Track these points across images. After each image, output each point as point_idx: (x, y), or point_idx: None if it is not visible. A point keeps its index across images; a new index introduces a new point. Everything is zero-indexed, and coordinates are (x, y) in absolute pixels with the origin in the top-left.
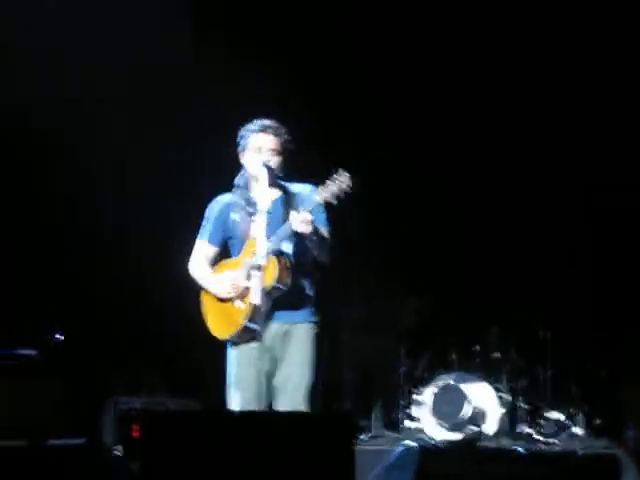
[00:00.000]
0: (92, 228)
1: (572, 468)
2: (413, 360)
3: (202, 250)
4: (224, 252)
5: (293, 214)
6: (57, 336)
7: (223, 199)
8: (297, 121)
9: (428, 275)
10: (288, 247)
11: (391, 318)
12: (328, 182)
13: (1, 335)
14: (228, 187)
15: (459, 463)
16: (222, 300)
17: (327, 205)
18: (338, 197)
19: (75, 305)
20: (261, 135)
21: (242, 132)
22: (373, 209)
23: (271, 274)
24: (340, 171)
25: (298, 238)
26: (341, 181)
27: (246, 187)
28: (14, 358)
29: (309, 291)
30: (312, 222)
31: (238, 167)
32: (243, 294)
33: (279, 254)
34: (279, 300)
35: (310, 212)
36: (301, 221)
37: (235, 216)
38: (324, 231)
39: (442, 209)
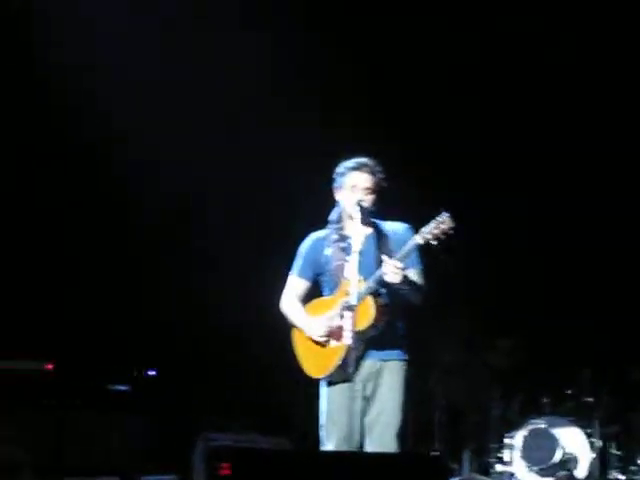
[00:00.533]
0: (187, 264)
1: None
2: (505, 403)
3: (293, 285)
4: (315, 288)
5: (385, 264)
6: (150, 372)
7: (316, 235)
8: (391, 156)
9: (521, 316)
10: (382, 288)
11: (483, 359)
12: (430, 224)
13: (96, 371)
14: (323, 224)
15: None
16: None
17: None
18: (438, 238)
19: (169, 342)
20: (357, 173)
21: (339, 169)
22: (466, 247)
23: (368, 315)
24: (442, 213)
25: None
26: (443, 223)
27: (340, 223)
28: (107, 394)
29: (401, 330)
30: (403, 270)
31: (333, 203)
32: (338, 334)
33: (376, 295)
34: (372, 339)
35: (404, 256)
36: (392, 272)
37: (328, 251)
38: (415, 273)
39: (535, 250)
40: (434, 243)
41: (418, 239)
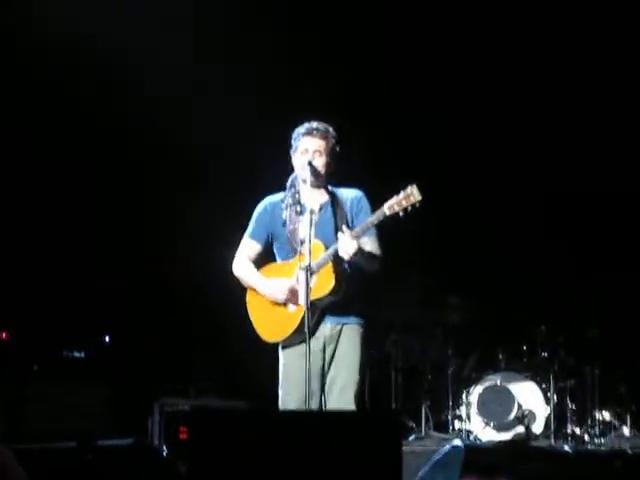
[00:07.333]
0: (142, 233)
1: (622, 468)
2: (461, 360)
3: (246, 247)
4: (268, 252)
5: (340, 239)
6: (105, 338)
7: (271, 198)
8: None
9: (475, 274)
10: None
11: (437, 317)
12: (399, 195)
13: (50, 337)
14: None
15: (506, 461)
16: (272, 304)
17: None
18: (405, 210)
19: (123, 307)
20: (308, 138)
21: (294, 134)
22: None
23: (327, 284)
24: (411, 186)
25: None
26: (412, 195)
27: (296, 188)
28: (63, 360)
29: (358, 294)
30: (358, 242)
31: (292, 169)
32: (295, 298)
33: (335, 262)
34: (331, 303)
35: (368, 227)
36: (346, 251)
37: (284, 214)
38: (372, 241)
39: (487, 207)
40: (401, 215)
41: (386, 211)
